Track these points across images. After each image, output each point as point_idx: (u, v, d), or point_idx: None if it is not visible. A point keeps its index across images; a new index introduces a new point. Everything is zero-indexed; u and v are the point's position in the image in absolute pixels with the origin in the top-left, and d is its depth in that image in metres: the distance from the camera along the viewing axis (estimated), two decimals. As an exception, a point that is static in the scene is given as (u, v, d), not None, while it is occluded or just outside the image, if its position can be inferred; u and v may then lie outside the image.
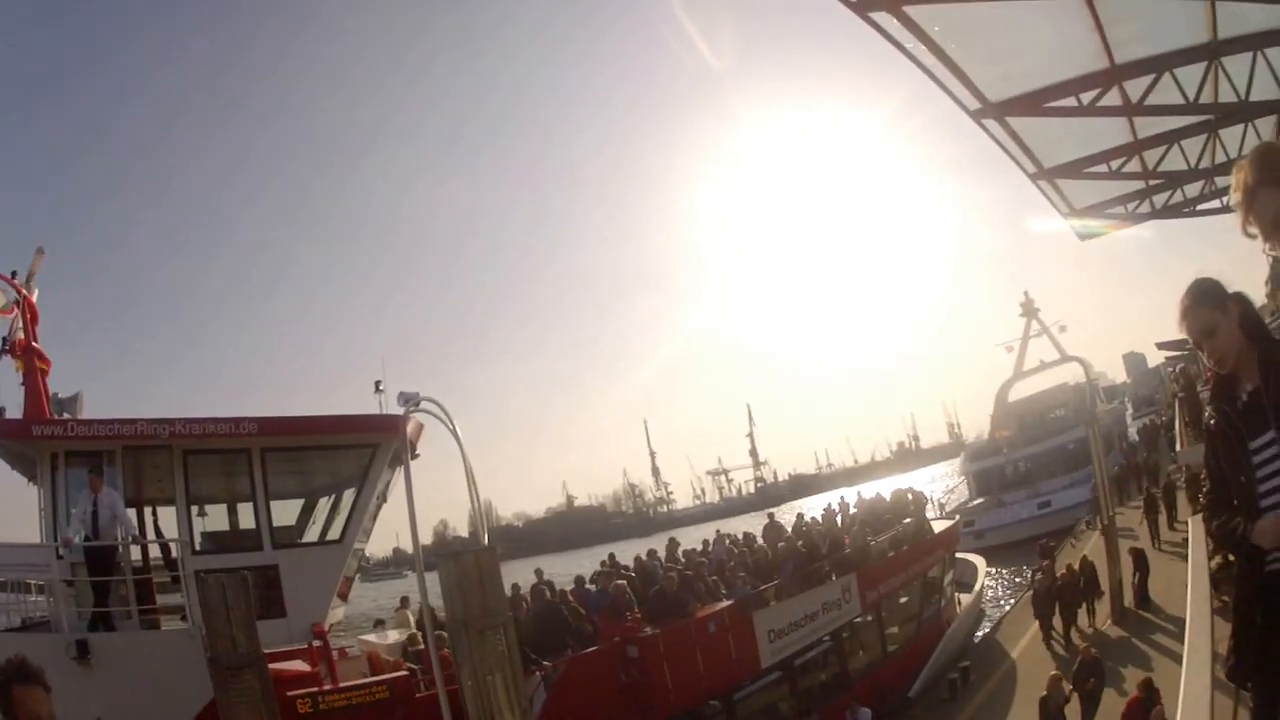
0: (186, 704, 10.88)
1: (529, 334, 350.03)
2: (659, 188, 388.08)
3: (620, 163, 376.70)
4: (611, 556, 18.67)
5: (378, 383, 13.70)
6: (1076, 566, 21.06)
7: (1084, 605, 20.49)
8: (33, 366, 13.00)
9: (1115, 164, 14.10)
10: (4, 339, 12.93)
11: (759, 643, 16.13)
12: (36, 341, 13.20)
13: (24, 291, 13.09)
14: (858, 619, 19.10)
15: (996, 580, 32.43)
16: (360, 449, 14.01)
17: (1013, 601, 26.93)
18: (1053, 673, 15.21)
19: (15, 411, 12.67)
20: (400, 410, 11.37)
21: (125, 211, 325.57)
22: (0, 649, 10.07)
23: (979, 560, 28.51)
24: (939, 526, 24.79)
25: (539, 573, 16.81)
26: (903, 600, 21.31)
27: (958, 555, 26.42)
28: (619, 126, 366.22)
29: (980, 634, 24.46)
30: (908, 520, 22.71)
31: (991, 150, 12.96)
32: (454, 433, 10.68)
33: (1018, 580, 31.87)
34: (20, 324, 12.99)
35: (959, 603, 24.78)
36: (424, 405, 10.83)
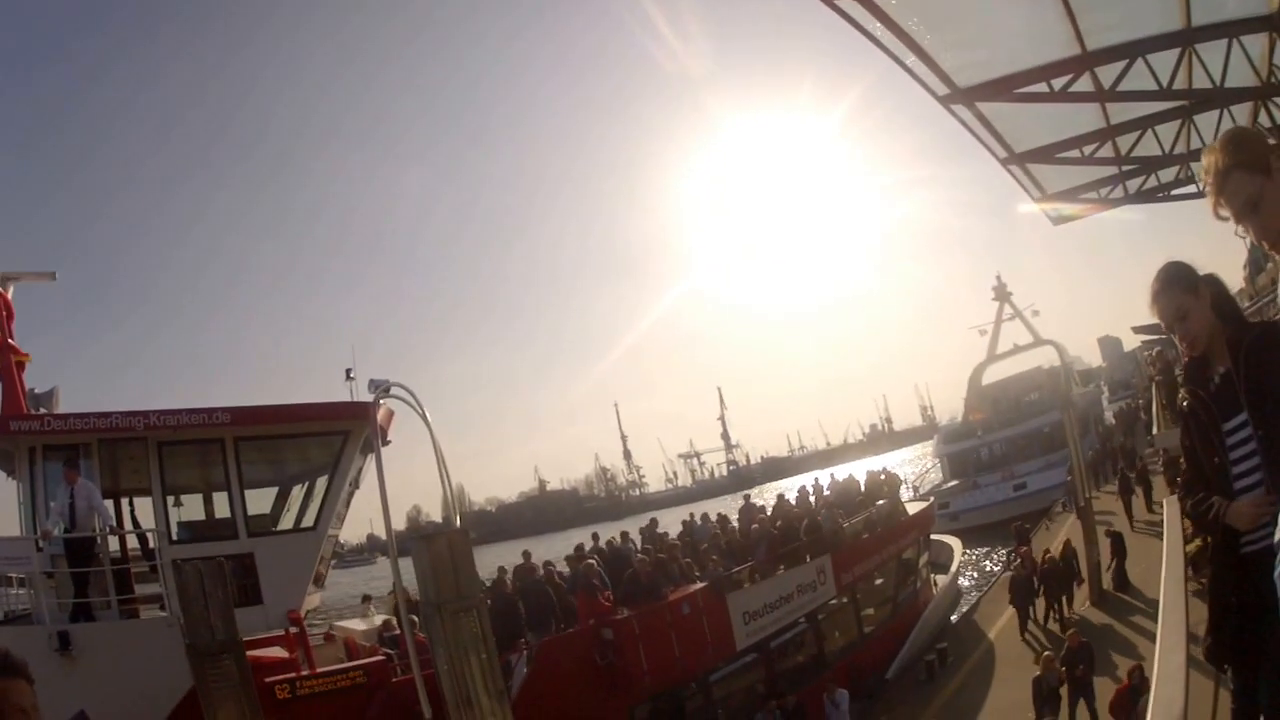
0: (168, 692, 10.94)
1: (494, 324, 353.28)
2: (624, 174, 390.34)
3: (584, 151, 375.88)
4: (595, 538, 18.70)
5: (348, 370, 13.72)
6: (1057, 552, 20.99)
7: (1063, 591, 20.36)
8: (9, 363, 12.99)
9: (1088, 149, 14.18)
10: None
11: (734, 625, 16.25)
12: (12, 338, 13.18)
13: None
14: (833, 601, 19.21)
15: (973, 562, 32.71)
16: (331, 436, 14.06)
17: (990, 583, 27.03)
18: (1045, 653, 15.19)
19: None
20: (370, 397, 11.42)
21: (80, 208, 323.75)
22: (-8, 640, 10.06)
23: (955, 542, 28.72)
24: (913, 508, 25.08)
25: (527, 554, 16.89)
26: (878, 582, 21.46)
27: (933, 537, 26.63)
28: (584, 116, 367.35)
29: (957, 616, 24.54)
30: (881, 502, 22.90)
31: (964, 134, 13.04)
32: (423, 417, 10.69)
33: (994, 563, 32.24)
34: None
35: (935, 584, 24.96)
36: (394, 391, 10.85)
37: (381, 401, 11.38)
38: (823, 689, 16.35)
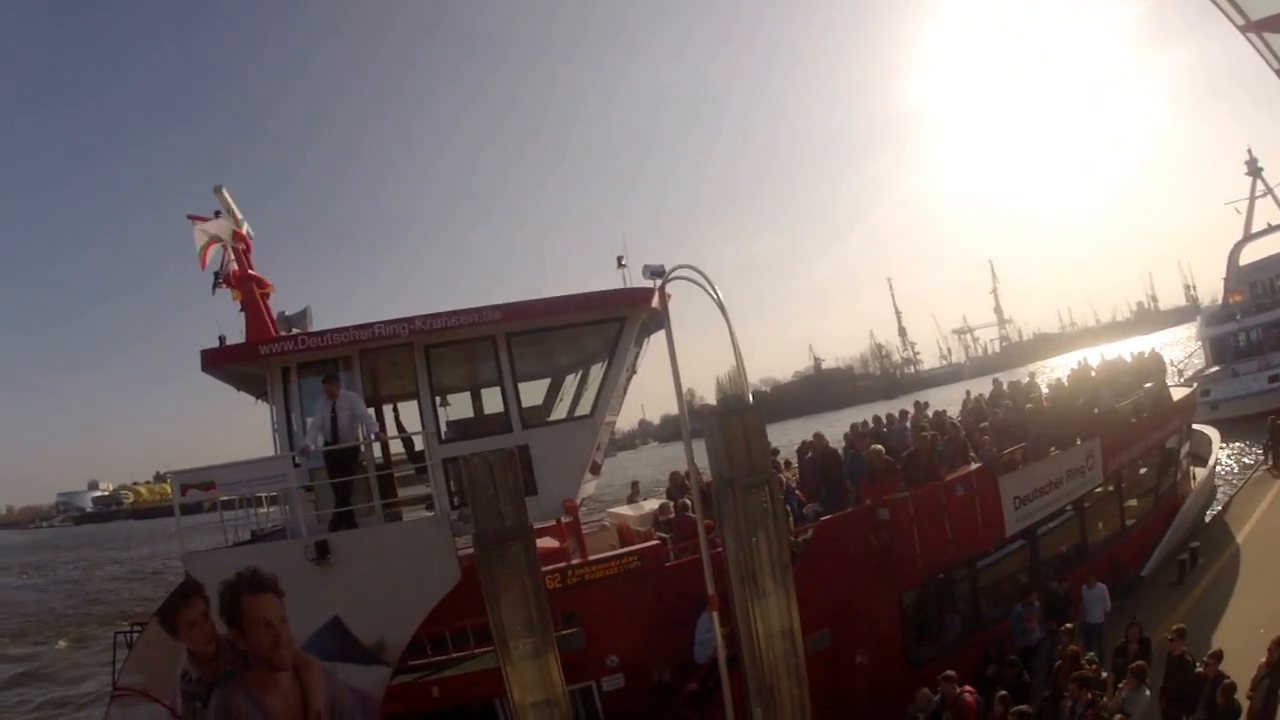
0: (431, 590, 11.31)
1: (758, 206, 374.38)
2: (881, 43, 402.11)
3: (839, 19, 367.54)
4: (917, 404, 18.69)
5: (619, 258, 13.62)
6: None
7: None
8: (251, 292, 13.50)
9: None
10: (216, 273, 13.46)
11: (1004, 509, 15.59)
12: (253, 269, 13.75)
13: (233, 226, 13.62)
14: (1099, 489, 18.12)
15: (1227, 456, 30.36)
16: (607, 324, 13.82)
17: (1242, 482, 25.00)
18: None
19: (237, 338, 13.17)
20: (648, 283, 11.41)
21: (334, 142, 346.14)
22: (239, 560, 10.40)
23: (1213, 433, 26.44)
24: (1177, 394, 23.29)
25: (818, 436, 16.95)
26: (1142, 471, 20.10)
27: (1194, 427, 24.77)
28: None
29: (1210, 514, 22.81)
30: (1149, 385, 21.32)
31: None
32: (714, 296, 10.59)
33: (1247, 458, 30.04)
34: (232, 256, 13.54)
35: (1194, 478, 23.24)
36: (681, 273, 10.76)
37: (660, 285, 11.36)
38: (1082, 580, 15.67)
